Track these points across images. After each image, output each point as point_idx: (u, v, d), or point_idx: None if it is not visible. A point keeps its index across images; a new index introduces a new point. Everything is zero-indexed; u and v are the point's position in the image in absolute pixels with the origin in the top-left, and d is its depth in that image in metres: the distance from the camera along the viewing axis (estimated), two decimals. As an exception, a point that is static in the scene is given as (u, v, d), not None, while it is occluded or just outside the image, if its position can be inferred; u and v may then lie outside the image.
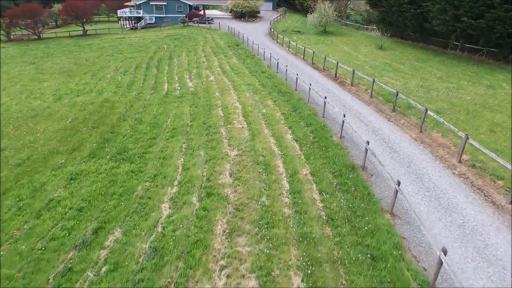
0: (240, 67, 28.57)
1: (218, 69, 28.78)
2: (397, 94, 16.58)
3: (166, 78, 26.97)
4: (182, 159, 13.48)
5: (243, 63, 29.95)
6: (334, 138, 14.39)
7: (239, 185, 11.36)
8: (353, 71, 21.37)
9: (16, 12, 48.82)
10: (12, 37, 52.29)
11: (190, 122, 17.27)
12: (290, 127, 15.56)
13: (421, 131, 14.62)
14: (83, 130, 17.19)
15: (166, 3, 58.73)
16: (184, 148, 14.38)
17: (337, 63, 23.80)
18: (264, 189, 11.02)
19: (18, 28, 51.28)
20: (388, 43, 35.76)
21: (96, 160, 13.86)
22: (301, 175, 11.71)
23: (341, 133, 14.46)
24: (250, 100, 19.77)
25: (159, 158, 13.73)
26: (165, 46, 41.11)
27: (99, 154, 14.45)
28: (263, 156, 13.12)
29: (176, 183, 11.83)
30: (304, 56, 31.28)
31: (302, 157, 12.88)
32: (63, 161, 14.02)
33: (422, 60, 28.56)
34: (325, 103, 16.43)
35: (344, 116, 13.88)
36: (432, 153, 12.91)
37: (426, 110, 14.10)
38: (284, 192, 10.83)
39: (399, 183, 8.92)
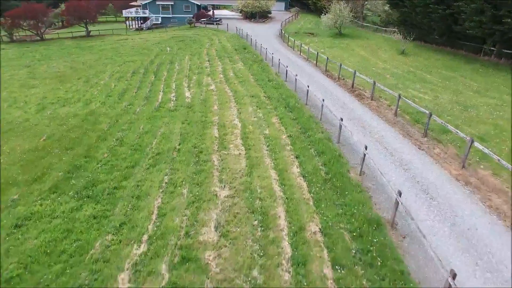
0: (245, 74, 25.77)
1: (221, 75, 26.06)
2: (431, 115, 13.45)
3: (162, 86, 24.40)
4: (159, 200, 10.76)
5: (249, 69, 27.16)
6: (352, 175, 11.42)
7: (225, 246, 8.55)
8: (374, 83, 18.27)
9: (18, 12, 47.28)
10: (15, 38, 50.84)
11: (179, 145, 14.54)
12: (297, 157, 12.66)
13: (463, 167, 11.49)
14: (54, 152, 14.68)
15: (173, 3, 56.40)
16: (165, 183, 11.67)
17: (355, 72, 20.71)
18: (258, 255, 8.19)
19: (21, 29, 49.73)
20: (410, 48, 32.34)
21: (56, 197, 11.27)
22: (308, 232, 8.81)
23: (362, 167, 11.45)
24: (252, 117, 16.94)
25: (132, 197, 11.04)
26: (168, 48, 38.67)
27: (62, 187, 11.86)
28: (260, 199, 10.27)
29: (145, 237, 9.11)
30: (316, 62, 28.25)
31: (311, 203, 9.98)
32: (17, 196, 11.48)
33: (451, 68, 25.14)
34: (341, 126, 13.41)
35: (366, 149, 10.87)
36: (484, 202, 9.81)
37: (472, 141, 10.98)
38: (284, 261, 7.96)
39: (454, 275, 5.95)
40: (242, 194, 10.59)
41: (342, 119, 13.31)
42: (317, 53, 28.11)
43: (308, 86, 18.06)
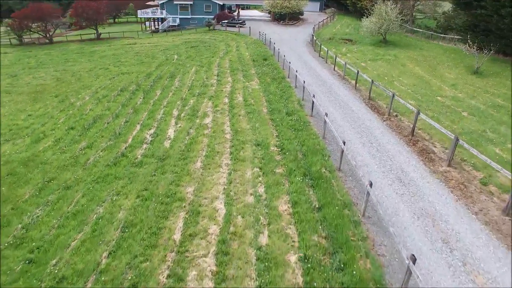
0: (258, 100, 19.16)
1: (226, 100, 19.62)
2: None
3: (145, 115, 18.33)
4: None
5: (265, 92, 20.48)
6: None
7: None
8: (456, 140, 10.86)
9: (26, 13, 43.73)
10: (24, 40, 47.43)
11: (108, 256, 8.25)
12: None
13: None
14: None
15: (192, 3, 50.68)
16: None
17: (418, 113, 13.32)
18: None
19: (29, 31, 46.25)
20: (487, 64, 24.02)
21: None
22: None
23: None
24: (248, 193, 10.33)
25: None
26: (176, 56, 32.85)
27: None
28: None
29: None
30: (356, 84, 21.01)
31: None
32: None
33: None
34: (410, 271, 6.33)
35: None
36: None
37: None
38: None
39: None
40: None
41: (414, 260, 6.18)
42: (358, 71, 20.79)
43: (344, 143, 11.00)
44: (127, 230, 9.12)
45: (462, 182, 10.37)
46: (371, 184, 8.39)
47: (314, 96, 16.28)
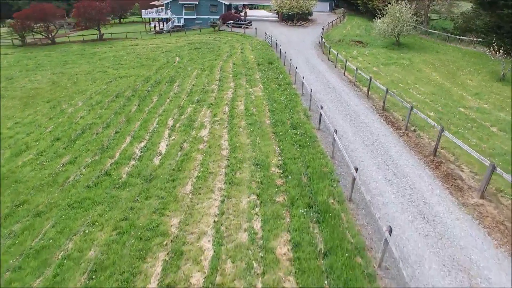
0: (261, 109, 17.58)
1: (226, 109, 18.08)
2: None
3: (138, 124, 16.90)
4: None
5: (268, 99, 18.89)
6: None
7: None
8: (493, 168, 9.07)
9: (28, 13, 42.88)
10: (27, 41, 46.55)
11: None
12: None
13: None
14: None
15: (197, 3, 49.29)
16: None
17: (441, 131, 11.54)
18: None
19: (31, 32, 45.41)
20: (512, 71, 21.98)
21: None
22: None
23: None
24: (241, 229, 8.77)
25: None
26: (177, 59, 31.46)
27: None
28: None
29: None
30: (368, 92, 19.25)
31: None
32: None
33: None
34: None
35: None
36: None
37: None
38: None
39: None
40: None
41: None
42: (370, 78, 19.02)
43: (356, 170, 9.31)
44: (94, 276, 7.62)
45: (501, 221, 8.60)
46: (390, 231, 6.71)
47: (322, 108, 14.57)
